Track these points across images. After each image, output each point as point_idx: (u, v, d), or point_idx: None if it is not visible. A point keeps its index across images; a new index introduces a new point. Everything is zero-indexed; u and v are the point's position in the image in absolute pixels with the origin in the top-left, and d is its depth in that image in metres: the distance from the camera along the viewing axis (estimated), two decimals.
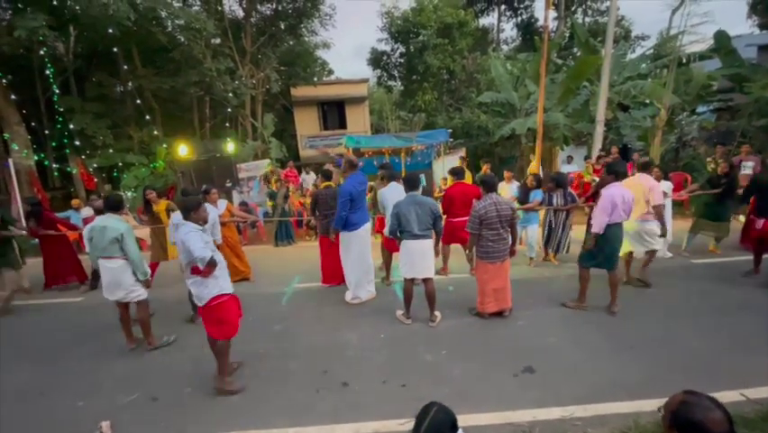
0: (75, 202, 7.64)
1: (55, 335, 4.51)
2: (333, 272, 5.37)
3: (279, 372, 3.51)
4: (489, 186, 4.08)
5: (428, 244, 4.10)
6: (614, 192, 3.98)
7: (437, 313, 4.26)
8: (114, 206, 3.91)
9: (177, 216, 4.37)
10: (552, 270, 5.75)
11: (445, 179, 10.31)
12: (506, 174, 6.60)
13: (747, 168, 7.73)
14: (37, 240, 6.15)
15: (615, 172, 4.10)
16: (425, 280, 4.15)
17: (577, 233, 5.85)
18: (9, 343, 4.35)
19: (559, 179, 5.68)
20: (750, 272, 5.00)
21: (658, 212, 4.46)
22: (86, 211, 6.86)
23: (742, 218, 7.29)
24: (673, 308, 4.32)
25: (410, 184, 4.15)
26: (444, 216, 5.20)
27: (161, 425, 2.88)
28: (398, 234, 4.13)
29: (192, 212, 3.11)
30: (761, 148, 9.57)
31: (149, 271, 4.08)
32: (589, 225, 4.35)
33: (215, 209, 5.11)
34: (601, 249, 4.13)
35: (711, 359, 3.32)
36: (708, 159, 8.98)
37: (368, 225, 4.91)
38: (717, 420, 1.21)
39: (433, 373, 3.37)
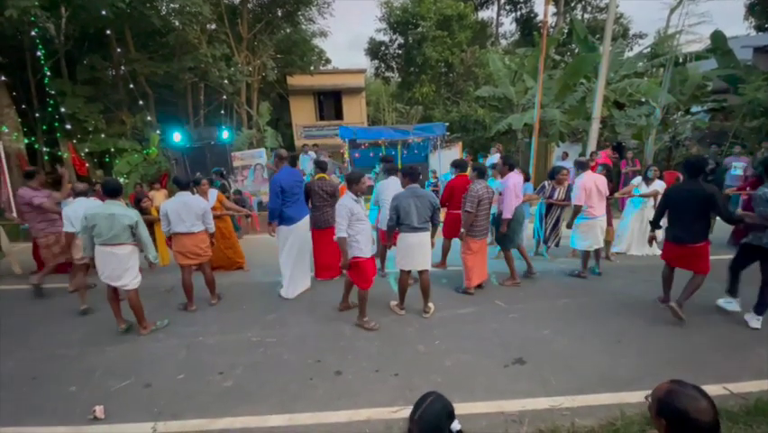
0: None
1: (46, 320, 4.48)
2: (326, 265, 5.38)
3: (273, 360, 3.52)
4: (481, 172, 4.66)
5: (426, 236, 4.13)
6: (515, 181, 4.87)
7: (431, 304, 4.30)
8: (113, 191, 3.84)
9: (165, 205, 4.42)
10: (543, 264, 5.81)
11: (435, 171, 10.35)
12: (494, 172, 6.55)
13: (738, 169, 7.85)
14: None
15: (510, 165, 5.03)
16: (421, 272, 4.19)
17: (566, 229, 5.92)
18: (0, 328, 4.33)
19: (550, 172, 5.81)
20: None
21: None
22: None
23: None
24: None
25: (410, 177, 4.15)
26: (445, 209, 5.25)
27: (154, 411, 2.89)
28: (396, 227, 4.14)
29: (354, 184, 3.84)
30: (752, 149, 9.70)
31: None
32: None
33: (205, 201, 5.05)
34: (514, 230, 4.99)
35: (698, 354, 3.40)
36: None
37: (306, 219, 4.92)
38: (702, 409, 1.23)
39: (425, 362, 3.41)
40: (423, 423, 1.40)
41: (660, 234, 5.95)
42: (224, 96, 14.02)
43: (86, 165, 11.59)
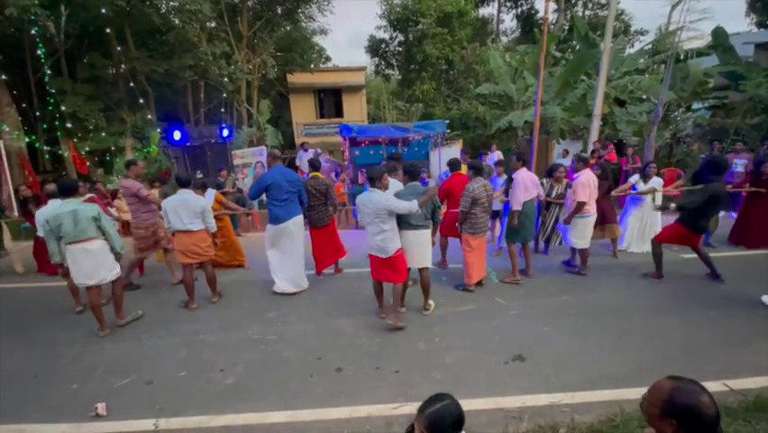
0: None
1: (47, 318, 4.49)
2: (325, 259, 5.42)
3: (274, 357, 3.54)
4: (477, 169, 4.61)
5: (426, 234, 4.12)
6: (523, 175, 4.84)
7: (431, 302, 4.31)
8: (69, 189, 3.83)
9: (165, 202, 4.43)
10: (544, 261, 5.81)
11: (427, 171, 10.29)
12: (498, 169, 6.50)
13: (739, 166, 7.83)
14: (29, 224, 6.06)
15: (522, 159, 5.00)
16: (421, 270, 4.18)
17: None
18: (1, 326, 4.33)
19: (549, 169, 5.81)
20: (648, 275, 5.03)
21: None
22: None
23: (733, 215, 7.41)
24: (661, 301, 4.41)
25: (410, 174, 4.15)
26: (442, 208, 5.24)
27: (156, 408, 2.90)
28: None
29: (377, 181, 3.75)
30: (753, 146, 9.67)
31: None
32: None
33: (205, 199, 5.03)
34: (522, 224, 4.91)
35: (696, 351, 3.41)
36: (702, 155, 9.08)
37: (296, 220, 4.84)
38: (708, 403, 1.21)
39: (425, 359, 3.42)
40: (429, 420, 1.39)
41: (659, 224, 5.98)
42: (225, 95, 14.02)
43: (87, 164, 11.60)
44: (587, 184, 4.95)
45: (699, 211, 4.32)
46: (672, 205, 4.76)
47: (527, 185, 4.88)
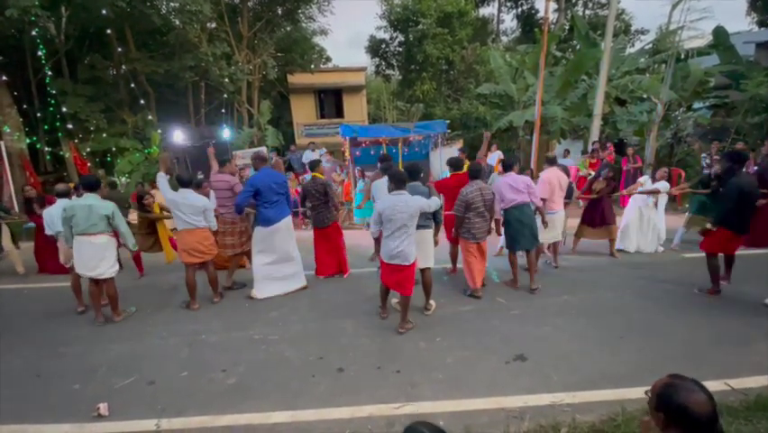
0: (70, 186, 7.54)
1: (49, 318, 4.50)
2: (326, 264, 5.43)
3: (275, 357, 3.54)
4: (475, 173, 4.49)
5: (429, 234, 4.13)
6: (501, 183, 4.69)
7: (432, 302, 4.31)
8: (92, 185, 4.11)
9: (168, 194, 4.46)
10: (545, 261, 5.81)
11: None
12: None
13: None
14: (33, 224, 6.07)
15: (506, 164, 4.88)
16: (423, 270, 4.19)
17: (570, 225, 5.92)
18: (3, 326, 4.35)
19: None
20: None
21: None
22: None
23: None
24: (663, 300, 4.41)
25: (411, 174, 4.15)
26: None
27: (158, 408, 2.90)
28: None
29: (404, 184, 3.79)
30: (754, 146, 9.66)
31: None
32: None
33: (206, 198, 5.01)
34: (507, 232, 4.78)
35: (698, 350, 3.40)
36: (703, 155, 9.07)
37: (286, 220, 4.81)
38: (701, 402, 1.24)
39: (426, 359, 3.42)
40: None
41: (662, 225, 5.96)
42: (225, 95, 14.02)
43: (88, 164, 11.61)
44: (547, 182, 5.06)
45: (737, 209, 4.13)
46: (708, 225, 4.34)
47: (503, 192, 4.65)
